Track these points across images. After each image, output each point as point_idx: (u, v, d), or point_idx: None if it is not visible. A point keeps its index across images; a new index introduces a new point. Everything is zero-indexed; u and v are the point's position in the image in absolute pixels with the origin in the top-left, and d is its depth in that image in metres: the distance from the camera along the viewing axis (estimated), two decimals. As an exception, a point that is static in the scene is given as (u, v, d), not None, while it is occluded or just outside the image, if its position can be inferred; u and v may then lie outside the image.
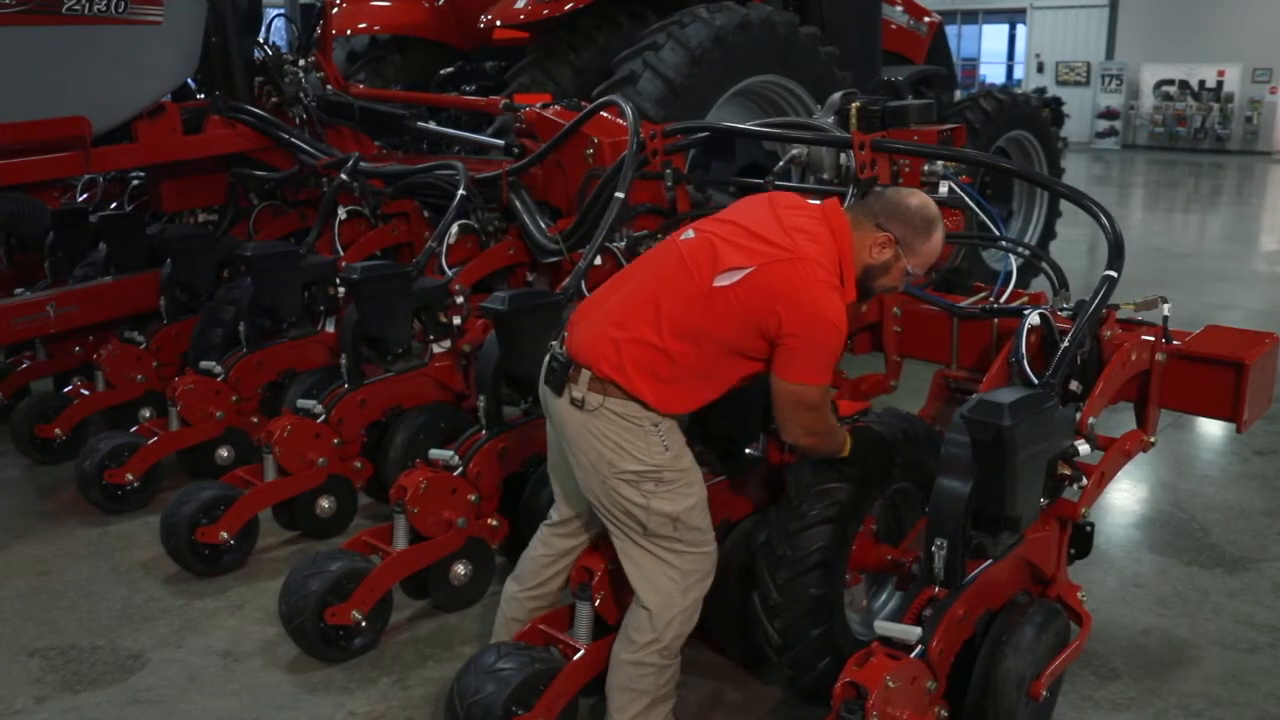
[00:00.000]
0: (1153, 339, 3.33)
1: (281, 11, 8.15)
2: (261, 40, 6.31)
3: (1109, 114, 25.85)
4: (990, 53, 29.95)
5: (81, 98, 5.05)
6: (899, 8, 9.25)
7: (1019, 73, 28.74)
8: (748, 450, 3.44)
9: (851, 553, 3.21)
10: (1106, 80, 25.86)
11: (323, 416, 4.44)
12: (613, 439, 2.83)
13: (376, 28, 8.06)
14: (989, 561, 2.88)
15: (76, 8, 4.83)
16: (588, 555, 3.17)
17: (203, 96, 6.38)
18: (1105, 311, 3.26)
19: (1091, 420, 3.07)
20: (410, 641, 3.86)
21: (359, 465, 4.59)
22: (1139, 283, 4.86)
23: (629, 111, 4.60)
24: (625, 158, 4.32)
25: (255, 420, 5.05)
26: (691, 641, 3.45)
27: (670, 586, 2.92)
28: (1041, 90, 23.89)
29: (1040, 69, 27.29)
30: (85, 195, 7.04)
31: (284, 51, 6.54)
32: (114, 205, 6.87)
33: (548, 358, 2.97)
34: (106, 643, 3.91)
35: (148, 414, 5.49)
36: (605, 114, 4.95)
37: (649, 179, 4.46)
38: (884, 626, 2.77)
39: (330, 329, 5.18)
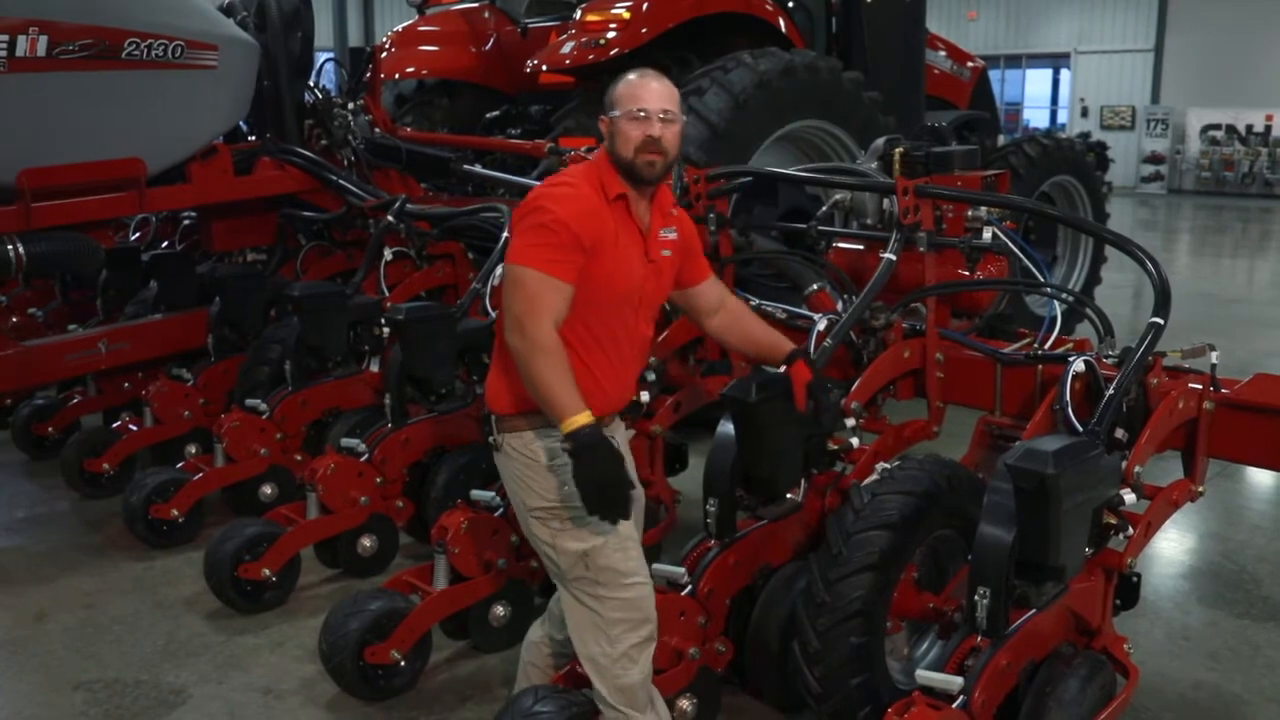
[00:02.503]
0: (1200, 387, 3.29)
1: (332, 56, 8.32)
2: (312, 84, 6.43)
3: (1154, 159, 25.70)
4: (1034, 97, 29.89)
5: (137, 140, 5.16)
6: (942, 53, 9.27)
7: (1063, 117, 28.66)
8: (788, 496, 3.42)
9: (893, 600, 3.18)
10: (1152, 125, 25.74)
11: (366, 456, 4.48)
12: (518, 475, 2.94)
13: (424, 72, 8.19)
14: (1033, 611, 2.84)
15: (136, 53, 4.95)
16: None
17: (254, 139, 6.50)
18: (1152, 359, 3.23)
19: (1138, 469, 3.03)
20: (449, 682, 3.86)
21: (401, 505, 4.62)
22: (1186, 329, 4.79)
23: (672, 156, 4.63)
24: (669, 202, 4.35)
25: (299, 458, 5.09)
26: (730, 687, 3.45)
27: (594, 634, 2.88)
28: (1086, 135, 23.85)
29: (1085, 113, 27.22)
30: (138, 234, 7.18)
31: (333, 95, 6.66)
32: (165, 244, 7.01)
33: None
34: (150, 677, 3.94)
35: (194, 450, 5.55)
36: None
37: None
38: (926, 676, 2.74)
39: (375, 369, 5.23)
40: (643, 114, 2.88)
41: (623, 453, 3.07)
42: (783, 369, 3.21)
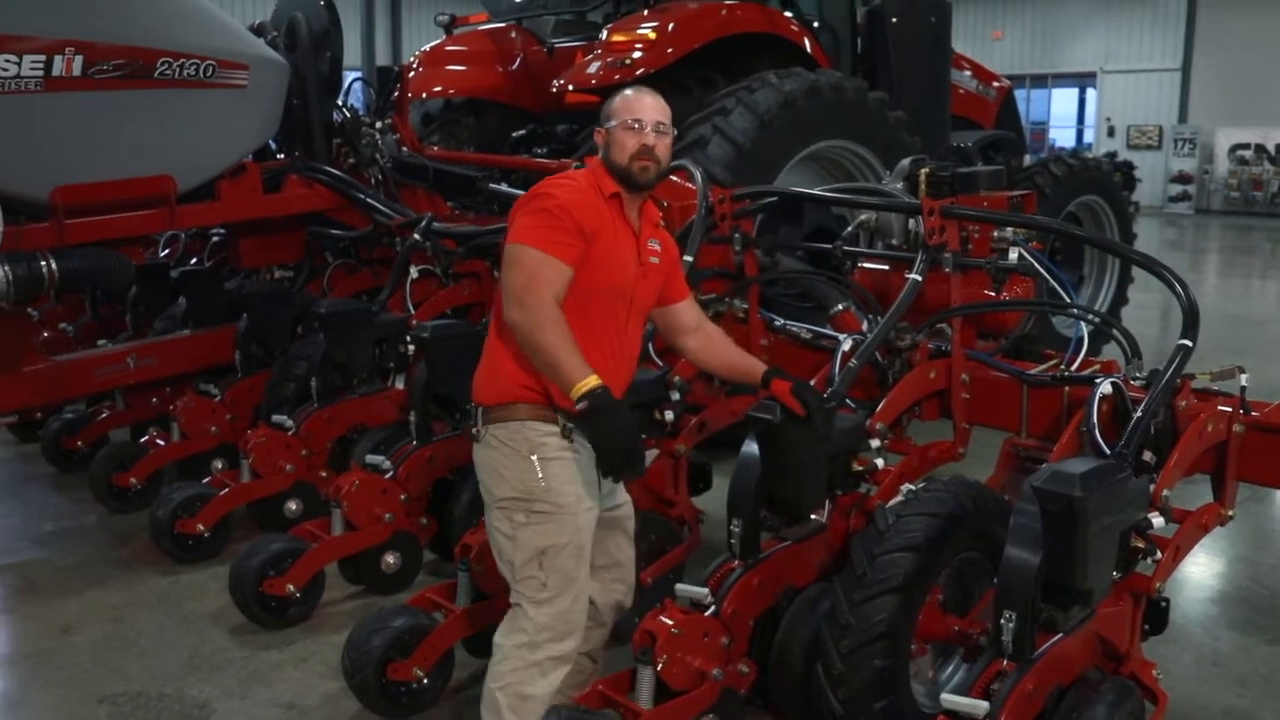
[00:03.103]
0: (1230, 410, 3.26)
1: (360, 75, 8.37)
2: (340, 103, 6.48)
3: (1182, 178, 25.57)
4: (1060, 116, 29.82)
5: (168, 158, 5.22)
6: (968, 73, 9.26)
7: (1089, 137, 28.56)
8: (813, 517, 3.41)
9: (918, 623, 3.16)
10: (1179, 144, 25.62)
11: (390, 473, 4.49)
12: (493, 465, 3.00)
13: (451, 91, 8.24)
14: (1059, 635, 2.82)
15: (168, 73, 5.01)
16: (650, 619, 3.15)
17: (282, 157, 6.55)
18: (1180, 381, 3.20)
19: (1166, 492, 3.01)
20: (469, 700, 3.85)
21: (424, 522, 4.63)
22: (1215, 351, 4.75)
23: (698, 175, 4.65)
24: (694, 222, 4.36)
25: (324, 475, 5.11)
26: (753, 709, 3.43)
27: (517, 635, 2.98)
28: (1112, 154, 23.75)
29: (1111, 133, 27.12)
30: (167, 251, 7.24)
31: (361, 114, 6.71)
32: (194, 261, 7.07)
33: None
34: (174, 691, 3.96)
35: (220, 465, 5.58)
36: (674, 178, 5.00)
37: (717, 243, 4.49)
38: (951, 700, 2.73)
39: (400, 386, 5.25)
40: (638, 124, 3.04)
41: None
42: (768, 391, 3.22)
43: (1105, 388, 3.21)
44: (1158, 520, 2.93)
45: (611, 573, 3.29)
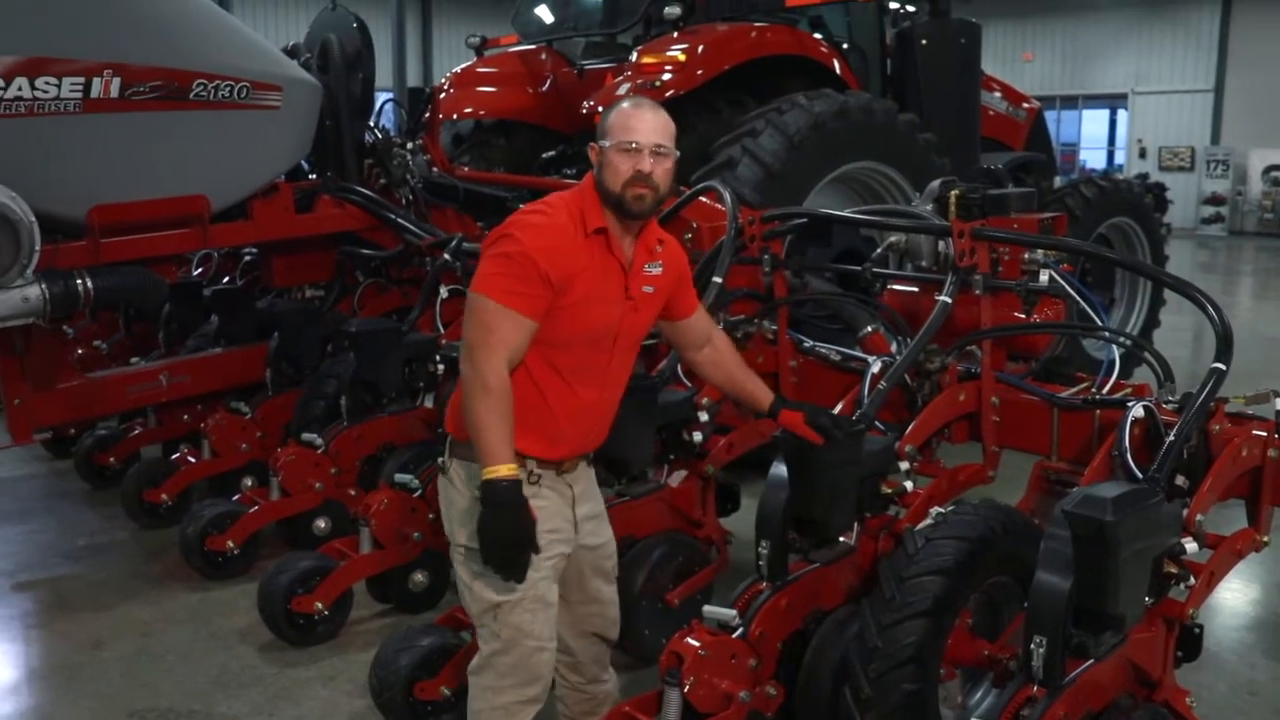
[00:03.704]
0: (1265, 434, 3.22)
1: (391, 97, 8.44)
2: (372, 124, 6.53)
3: (1215, 200, 25.34)
4: (1091, 138, 29.66)
5: (203, 178, 5.27)
6: (998, 94, 9.24)
7: (1120, 158, 28.39)
8: (841, 539, 3.40)
9: (947, 647, 3.13)
10: (1212, 165, 25.40)
11: (419, 491, 4.50)
12: (455, 506, 2.90)
13: (482, 112, 8.29)
14: (1090, 661, 2.79)
15: (203, 94, 5.07)
16: (678, 641, 3.14)
17: (314, 177, 6.61)
18: (1213, 405, 3.18)
19: (1200, 517, 2.98)
20: (497, 720, 3.85)
21: (452, 540, 4.63)
22: (1249, 375, 4.68)
23: (728, 197, 4.65)
24: (723, 243, 4.37)
25: (353, 493, 5.14)
26: (782, 734, 3.41)
27: (484, 674, 2.91)
28: (1144, 176, 23.60)
29: (1142, 154, 26.94)
30: (200, 269, 7.32)
31: (393, 135, 6.76)
32: (226, 280, 7.13)
33: None
34: (202, 708, 3.98)
35: (250, 483, 5.61)
36: (704, 199, 5.01)
37: (747, 264, 4.50)
38: (981, 726, 2.70)
39: (429, 405, 5.27)
40: (634, 146, 2.75)
41: (589, 493, 3.05)
42: (777, 423, 3.18)
43: (1137, 411, 3.19)
44: (1191, 545, 2.90)
45: (589, 608, 3.18)
